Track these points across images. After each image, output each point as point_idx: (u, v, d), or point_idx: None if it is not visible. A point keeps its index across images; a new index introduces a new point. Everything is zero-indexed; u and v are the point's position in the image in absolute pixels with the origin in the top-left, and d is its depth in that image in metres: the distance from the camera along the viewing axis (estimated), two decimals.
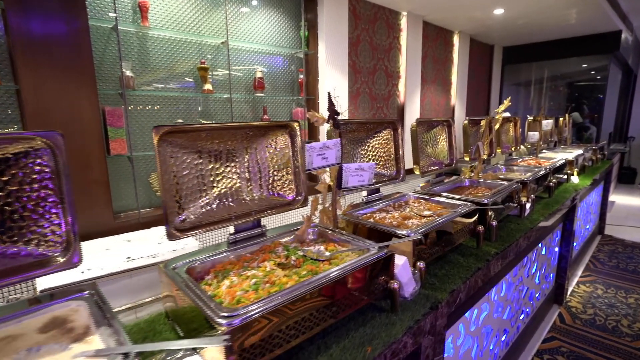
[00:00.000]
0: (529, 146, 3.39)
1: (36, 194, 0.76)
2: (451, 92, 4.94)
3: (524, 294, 2.16)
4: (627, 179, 7.50)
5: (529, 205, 1.99)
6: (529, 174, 2.25)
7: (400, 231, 1.17)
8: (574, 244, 3.15)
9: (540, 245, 2.31)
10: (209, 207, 1.09)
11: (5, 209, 0.73)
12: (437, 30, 4.43)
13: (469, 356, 1.59)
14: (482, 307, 1.63)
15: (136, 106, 2.26)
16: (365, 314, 1.02)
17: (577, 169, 3.01)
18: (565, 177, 2.87)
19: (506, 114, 3.80)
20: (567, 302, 2.87)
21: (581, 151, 3.40)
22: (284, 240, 1.17)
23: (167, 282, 0.92)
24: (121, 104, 2.11)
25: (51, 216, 0.78)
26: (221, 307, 0.74)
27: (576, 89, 6.86)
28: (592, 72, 6.44)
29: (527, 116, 3.42)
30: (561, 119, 4.09)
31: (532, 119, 3.38)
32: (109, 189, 2.07)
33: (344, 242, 1.13)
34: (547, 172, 2.39)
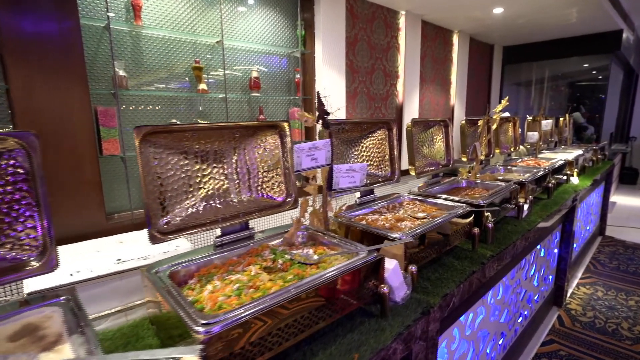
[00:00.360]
0: (528, 146, 3.35)
1: (10, 196, 0.74)
2: (451, 92, 4.91)
3: (522, 296, 2.13)
4: (629, 180, 7.45)
5: (526, 206, 1.96)
6: (527, 175, 2.22)
7: (392, 234, 1.14)
8: (574, 246, 3.11)
9: (539, 247, 2.28)
10: (195, 209, 1.06)
11: None
12: (436, 29, 4.40)
13: None
14: (478, 311, 1.60)
15: (130, 106, 2.24)
16: (354, 319, 0.99)
17: (576, 170, 2.98)
18: (564, 177, 2.83)
19: (505, 114, 3.77)
20: (566, 305, 2.84)
21: (581, 151, 3.36)
22: (273, 243, 1.15)
23: (149, 286, 0.89)
24: (114, 103, 2.09)
25: (26, 219, 0.76)
26: (200, 314, 0.71)
27: (577, 89, 6.81)
28: (594, 71, 6.40)
29: (527, 116, 3.38)
30: (561, 119, 4.05)
31: (531, 119, 3.35)
32: (101, 189, 2.04)
33: (334, 245, 1.10)
34: (546, 172, 2.36)
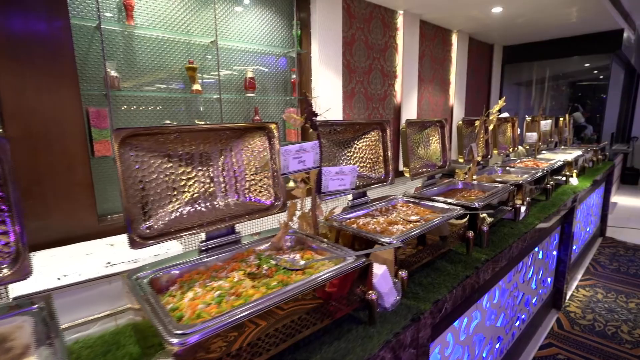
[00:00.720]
0: (527, 147, 3.32)
1: None
2: (450, 92, 4.87)
3: (519, 300, 2.10)
4: (630, 180, 7.39)
5: (524, 208, 1.93)
6: (525, 176, 2.19)
7: (382, 238, 1.11)
8: (574, 247, 3.08)
9: (536, 249, 2.25)
10: (179, 213, 1.04)
11: None
12: (434, 29, 4.36)
13: None
14: (473, 316, 1.57)
15: (122, 107, 2.22)
16: (342, 326, 0.97)
17: (576, 171, 2.94)
18: (563, 178, 2.80)
19: (505, 114, 3.74)
20: (565, 307, 2.80)
21: (580, 152, 3.33)
22: (260, 247, 1.12)
23: (128, 293, 0.87)
24: (106, 104, 2.06)
25: None
26: (176, 324, 0.69)
27: (578, 89, 6.76)
28: (595, 71, 6.35)
29: (526, 116, 3.35)
30: (561, 119, 4.01)
31: (530, 119, 3.31)
32: (93, 191, 2.02)
33: (323, 250, 1.07)
34: (545, 173, 2.33)
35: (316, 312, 0.85)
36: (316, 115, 1.08)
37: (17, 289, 1.40)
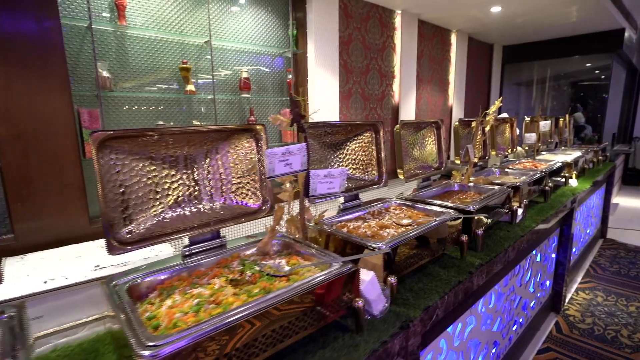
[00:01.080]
0: (527, 148, 3.28)
1: None
2: (449, 92, 4.84)
3: (516, 303, 2.06)
4: (632, 181, 7.33)
5: (520, 211, 1.90)
6: (523, 178, 2.16)
7: (371, 243, 1.08)
8: (573, 249, 3.04)
9: (534, 252, 2.21)
10: (162, 217, 1.01)
11: None
12: (433, 29, 4.33)
13: None
14: (468, 321, 1.54)
15: (115, 108, 2.20)
16: (327, 334, 0.94)
17: (575, 172, 2.90)
18: (563, 180, 2.76)
19: (504, 115, 3.70)
20: (564, 311, 2.77)
21: (580, 153, 3.29)
22: (246, 252, 1.09)
23: (105, 300, 0.84)
24: (98, 105, 2.04)
25: None
26: (148, 335, 0.66)
27: (579, 89, 6.71)
28: (596, 71, 6.30)
29: (525, 117, 3.31)
30: (561, 119, 3.97)
31: (529, 119, 3.27)
32: (84, 193, 2.00)
33: (310, 255, 1.04)
34: (543, 175, 2.29)
35: (299, 320, 0.82)
36: (303, 116, 1.05)
37: (2, 294, 1.38)
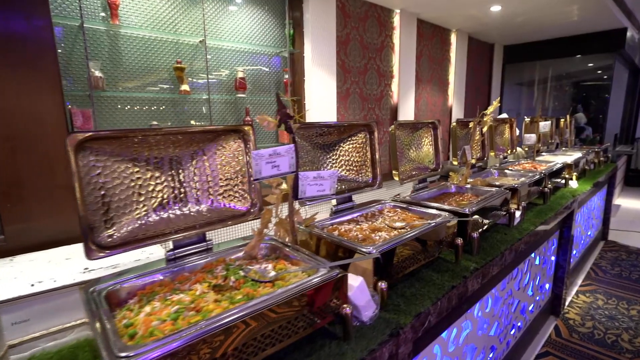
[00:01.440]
0: (526, 149, 3.24)
1: None
2: (448, 93, 4.80)
3: (514, 307, 2.03)
4: (635, 182, 7.26)
5: (518, 213, 1.86)
6: (522, 180, 2.12)
7: (361, 247, 1.05)
8: (574, 252, 3.00)
9: (533, 255, 2.18)
10: (145, 220, 0.99)
11: None
12: (433, 28, 4.30)
13: None
14: (463, 326, 1.51)
15: (109, 108, 2.18)
16: (314, 341, 0.91)
17: (575, 173, 2.86)
18: (563, 181, 2.72)
19: (504, 115, 3.66)
20: (564, 314, 2.73)
21: (581, 154, 3.24)
22: (232, 257, 1.07)
23: (83, 306, 0.82)
24: (90, 105, 2.02)
25: None
26: (122, 345, 0.63)
27: (581, 89, 6.66)
28: (598, 71, 6.25)
29: (525, 117, 3.27)
30: (562, 120, 3.93)
31: (529, 120, 3.23)
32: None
33: (298, 259, 1.02)
34: (542, 176, 2.25)
35: (283, 328, 0.79)
36: (291, 117, 1.03)
37: None
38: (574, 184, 2.77)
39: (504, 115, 3.55)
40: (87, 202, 0.87)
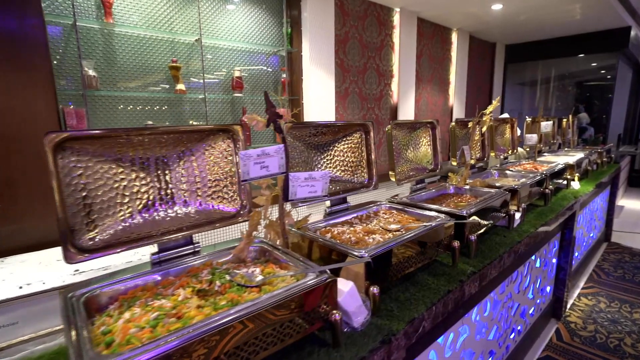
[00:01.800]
0: (527, 149, 3.20)
1: None
2: (449, 92, 4.75)
3: (514, 311, 1.99)
4: (638, 183, 7.18)
5: (518, 215, 1.82)
6: (522, 180, 2.08)
7: (352, 250, 1.02)
8: (575, 254, 2.95)
9: (533, 257, 2.14)
10: (130, 222, 0.96)
11: None
12: (433, 27, 4.25)
13: None
14: (461, 330, 1.47)
15: (103, 107, 2.15)
16: (302, 348, 0.88)
17: (578, 174, 2.81)
18: (564, 182, 2.68)
19: (505, 115, 3.61)
20: (565, 317, 2.68)
21: (583, 154, 3.19)
22: (220, 260, 1.04)
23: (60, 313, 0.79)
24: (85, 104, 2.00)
25: None
26: (93, 355, 0.60)
27: (584, 89, 6.59)
28: (602, 71, 6.18)
29: (526, 117, 3.22)
30: (565, 120, 3.87)
31: (530, 120, 3.19)
32: None
33: (287, 263, 0.98)
34: (543, 177, 2.21)
35: (268, 336, 0.76)
36: (280, 116, 0.99)
37: None
38: (576, 185, 2.72)
39: (506, 115, 3.51)
40: (68, 204, 0.84)
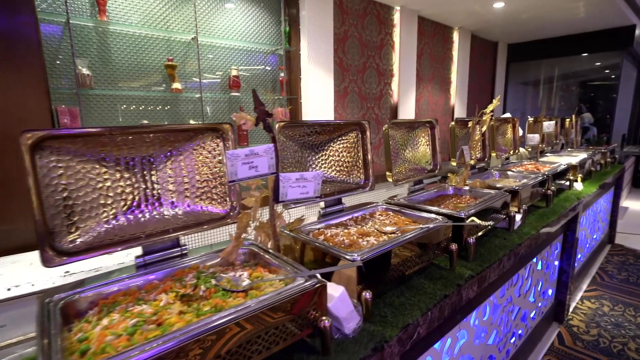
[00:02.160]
0: (529, 149, 3.15)
1: None
2: (451, 92, 4.70)
3: (514, 315, 1.94)
4: None
5: (519, 217, 1.78)
6: (523, 181, 2.04)
7: (344, 254, 0.99)
8: (578, 256, 2.90)
9: (535, 260, 2.09)
10: (114, 224, 0.93)
11: None
12: (434, 26, 4.21)
13: None
14: (459, 335, 1.43)
15: (97, 106, 2.13)
16: (291, 355, 0.84)
17: (581, 175, 2.76)
18: (567, 183, 2.63)
19: (506, 115, 3.56)
20: (568, 321, 2.63)
21: (586, 155, 3.14)
22: (207, 263, 1.00)
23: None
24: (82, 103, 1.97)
25: None
26: None
27: (588, 88, 6.52)
28: (606, 70, 6.10)
29: (528, 117, 3.17)
30: (568, 120, 3.82)
31: (532, 120, 3.14)
32: None
33: (277, 266, 0.95)
34: (545, 178, 2.17)
35: (252, 344, 0.72)
36: (270, 115, 0.96)
37: None
38: (578, 185, 2.67)
39: (507, 114, 3.46)
40: (47, 205, 0.81)
